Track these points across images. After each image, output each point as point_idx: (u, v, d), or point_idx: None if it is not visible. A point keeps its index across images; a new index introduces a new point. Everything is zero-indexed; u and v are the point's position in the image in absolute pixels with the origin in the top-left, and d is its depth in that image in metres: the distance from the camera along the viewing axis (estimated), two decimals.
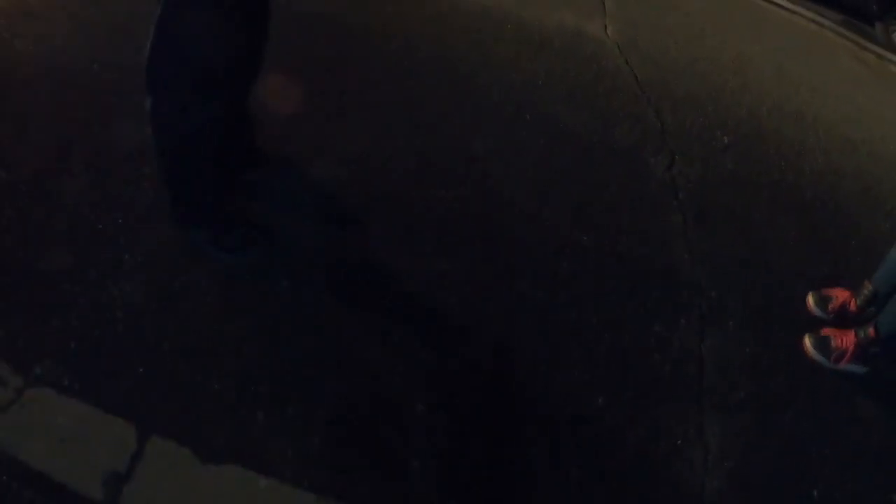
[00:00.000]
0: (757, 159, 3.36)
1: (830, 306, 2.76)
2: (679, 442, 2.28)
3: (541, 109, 3.27)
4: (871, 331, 2.56)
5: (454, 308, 2.45)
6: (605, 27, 3.92)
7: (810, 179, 2.85)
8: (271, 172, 2.65)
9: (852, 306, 2.75)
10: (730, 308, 2.69)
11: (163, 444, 1.95)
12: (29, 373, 2.00)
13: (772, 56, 4.13)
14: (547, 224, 2.79)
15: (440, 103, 3.17)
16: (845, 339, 2.60)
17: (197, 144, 2.20)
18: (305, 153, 2.78)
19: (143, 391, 2.04)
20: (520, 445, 2.17)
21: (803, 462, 2.36)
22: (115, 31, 3.05)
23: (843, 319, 2.74)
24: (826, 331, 2.65)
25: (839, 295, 2.78)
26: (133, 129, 2.59)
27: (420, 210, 2.70)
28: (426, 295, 2.46)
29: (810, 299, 2.79)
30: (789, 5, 4.83)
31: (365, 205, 2.68)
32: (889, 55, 5.20)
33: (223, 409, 2.06)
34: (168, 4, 1.94)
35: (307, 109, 2.95)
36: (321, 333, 2.30)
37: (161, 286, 2.28)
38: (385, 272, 2.49)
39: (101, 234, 2.37)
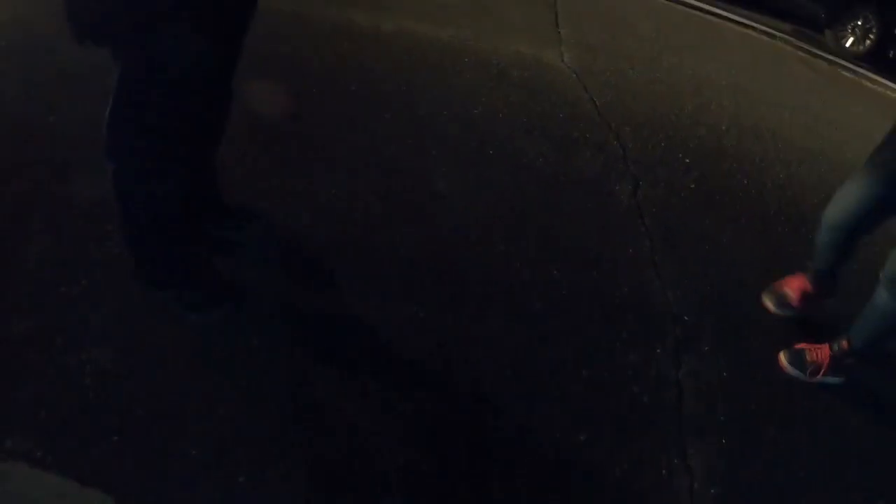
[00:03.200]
0: (719, 178, 3.39)
1: (793, 300, 2.80)
2: (664, 472, 2.27)
3: (503, 143, 3.28)
4: (844, 343, 2.58)
5: (427, 352, 2.42)
6: (562, 55, 3.95)
7: (773, 194, 2.88)
8: (235, 225, 2.62)
9: (810, 288, 2.79)
10: (703, 331, 2.70)
11: None
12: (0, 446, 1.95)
13: (727, 72, 4.19)
14: (515, 260, 2.78)
15: (402, 142, 3.17)
16: (820, 354, 2.62)
17: (160, 206, 2.18)
18: (270, 203, 2.76)
19: (118, 459, 1.99)
20: (504, 490, 2.14)
21: (789, 477, 2.37)
22: (70, 83, 3.02)
23: (810, 304, 2.79)
24: (800, 346, 2.66)
25: (792, 284, 2.82)
26: (92, 183, 2.55)
27: (387, 253, 2.69)
28: (398, 341, 2.44)
29: (768, 302, 2.82)
30: (742, 20, 4.91)
31: (331, 252, 2.66)
32: (839, 60, 5.30)
33: (202, 474, 2.01)
34: (125, 71, 1.93)
35: (270, 158, 2.94)
36: (296, 389, 2.26)
37: (129, 349, 2.23)
38: (355, 320, 2.47)
39: (64, 297, 2.32)
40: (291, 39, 3.55)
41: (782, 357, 2.64)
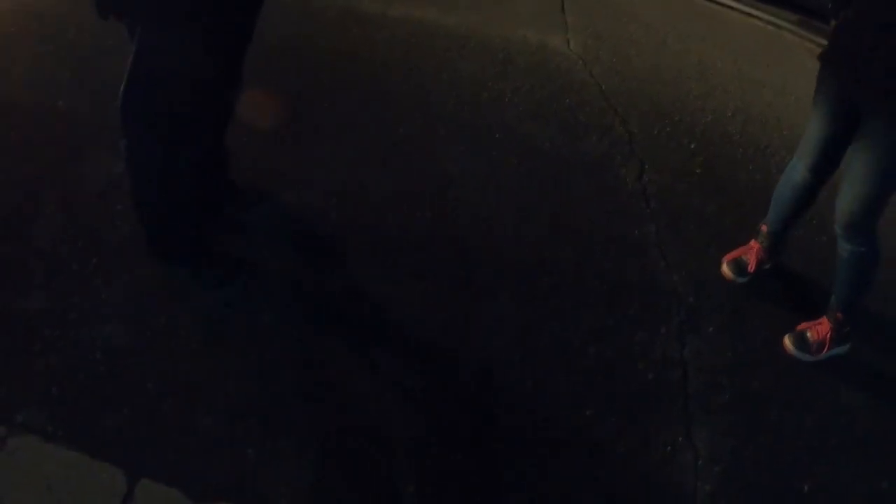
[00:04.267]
0: (724, 163, 3.40)
1: (749, 266, 2.83)
2: (669, 448, 2.30)
3: (510, 127, 3.29)
4: (838, 314, 2.62)
5: (437, 331, 2.46)
6: (568, 41, 3.95)
7: (777, 180, 2.89)
8: (249, 205, 2.66)
9: (763, 254, 2.84)
10: (708, 312, 2.72)
11: (152, 487, 1.94)
12: (12, 420, 1.99)
13: (733, 60, 4.18)
14: (523, 241, 2.81)
15: (412, 126, 3.18)
16: (820, 329, 2.65)
17: (174, 184, 2.21)
18: (281, 184, 2.79)
19: (129, 433, 2.03)
20: (512, 465, 2.18)
21: (792, 457, 2.39)
22: (79, 67, 3.05)
23: (762, 267, 2.84)
24: (801, 326, 2.68)
25: (749, 252, 2.85)
26: (103, 165, 2.61)
27: (397, 235, 2.71)
28: (409, 320, 2.47)
29: (727, 270, 2.85)
30: (747, 9, 4.88)
31: (343, 233, 2.69)
32: None
33: (212, 446, 2.05)
34: (142, 48, 1.96)
35: (280, 140, 2.97)
36: (306, 365, 2.30)
37: (142, 325, 2.28)
38: (366, 300, 2.50)
39: (77, 274, 2.36)
40: (298, 25, 3.57)
41: (787, 342, 2.66)
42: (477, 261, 2.69)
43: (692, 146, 3.42)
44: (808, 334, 2.65)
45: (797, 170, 2.64)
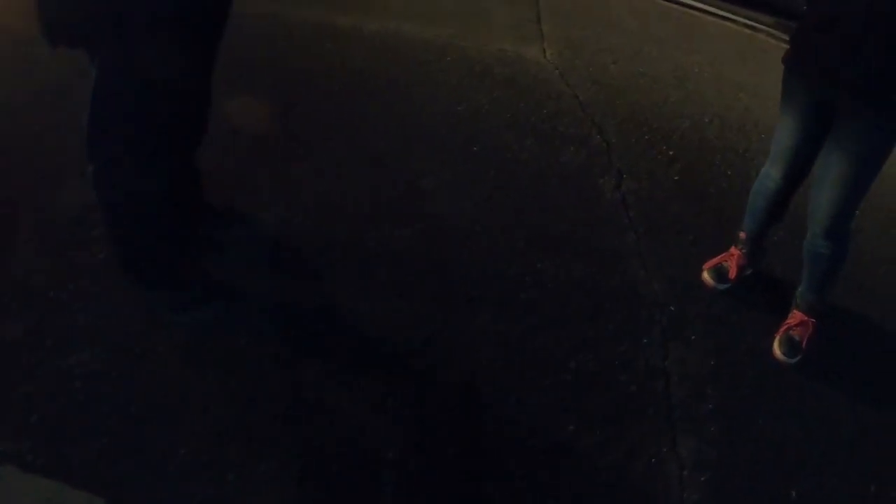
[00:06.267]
0: (703, 169, 3.41)
1: (730, 273, 2.84)
2: (653, 460, 2.29)
3: (487, 139, 3.29)
4: (818, 308, 2.68)
5: (418, 347, 2.44)
6: (545, 51, 3.97)
7: None
8: (225, 226, 2.64)
9: (743, 261, 2.85)
10: (690, 320, 2.72)
11: None
12: None
13: (710, 65, 4.20)
14: (503, 254, 2.80)
15: (388, 140, 3.18)
16: (804, 329, 2.68)
17: (145, 207, 2.19)
18: (257, 203, 2.77)
19: (109, 460, 2.00)
20: (495, 480, 2.16)
21: (778, 464, 2.38)
22: (54, 90, 3.02)
23: (742, 274, 2.87)
24: (784, 330, 2.69)
25: (729, 259, 2.86)
26: (78, 191, 2.55)
27: (375, 251, 2.70)
28: (388, 337, 2.45)
29: (708, 277, 2.85)
30: (723, 13, 4.92)
31: (320, 250, 2.67)
32: None
33: (193, 472, 2.02)
34: (102, 74, 1.93)
35: (256, 158, 2.95)
36: (285, 387, 2.27)
37: (119, 350, 2.25)
38: (345, 318, 2.48)
39: (54, 302, 2.33)
40: (273, 42, 3.56)
41: (776, 350, 2.66)
42: (456, 275, 2.68)
43: (671, 153, 3.43)
44: (795, 336, 2.67)
45: (770, 177, 2.64)
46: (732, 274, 2.83)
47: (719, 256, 2.88)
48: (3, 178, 2.67)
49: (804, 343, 2.66)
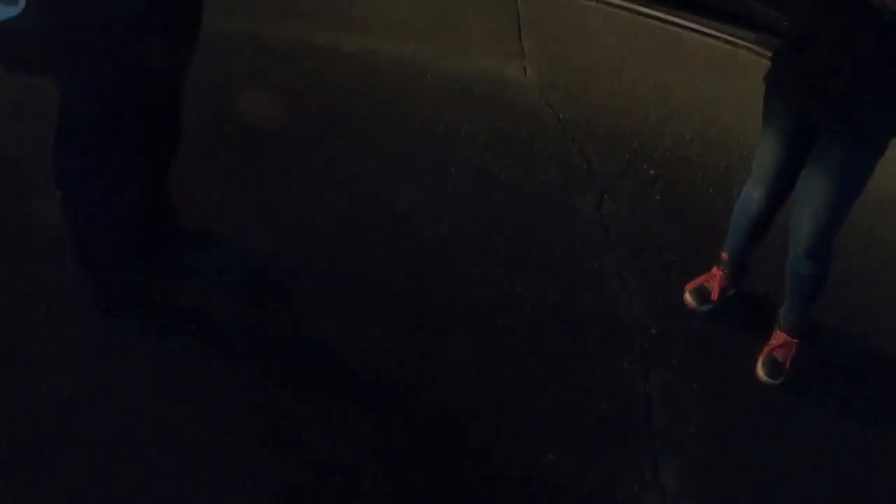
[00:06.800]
0: (685, 188, 3.39)
1: (712, 294, 2.82)
2: (635, 488, 2.26)
3: (465, 159, 3.26)
4: (798, 327, 2.66)
5: (392, 374, 2.41)
6: (525, 70, 3.94)
7: None
8: (196, 250, 2.61)
9: (726, 282, 2.83)
10: (671, 343, 2.69)
11: None
12: None
13: (691, 83, 4.19)
14: (480, 276, 2.77)
15: (364, 160, 3.14)
16: (787, 350, 2.66)
17: (113, 232, 2.19)
18: (230, 226, 2.73)
19: (79, 491, 1.99)
20: None
21: (763, 487, 2.36)
22: (28, 108, 2.95)
23: (724, 295, 2.84)
24: (766, 351, 2.67)
25: (711, 280, 2.84)
26: (52, 209, 2.52)
27: (349, 274, 2.68)
28: (362, 363, 2.43)
29: (689, 298, 2.83)
30: (704, 29, 4.91)
31: (292, 273, 2.65)
32: None
33: (166, 501, 2.01)
34: (66, 96, 1.92)
35: (229, 179, 2.92)
36: (259, 414, 2.25)
37: (89, 378, 2.23)
38: (318, 344, 2.46)
39: (23, 326, 2.31)
40: (249, 60, 3.53)
41: (759, 372, 2.64)
42: (432, 298, 2.65)
43: (651, 172, 3.40)
44: (780, 358, 2.64)
45: (752, 198, 2.61)
46: (714, 295, 2.80)
47: (701, 277, 2.85)
48: None
49: (788, 364, 2.64)
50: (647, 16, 4.83)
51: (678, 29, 4.82)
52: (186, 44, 2.07)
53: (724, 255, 2.80)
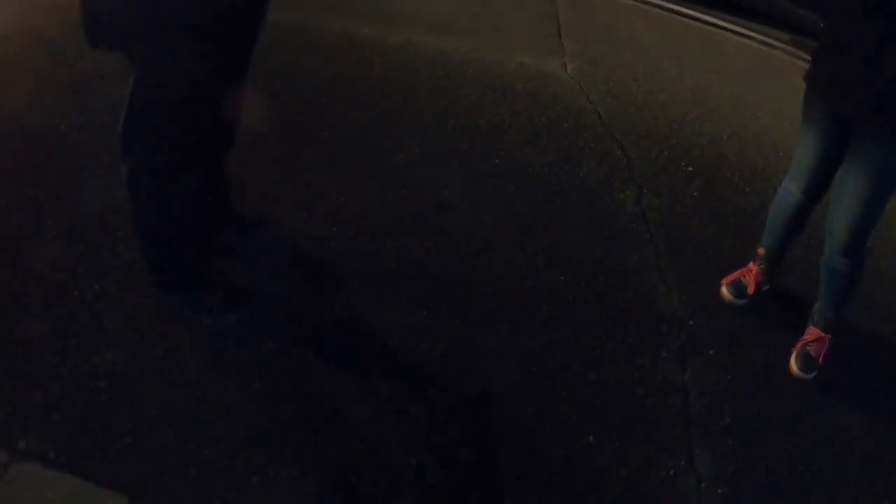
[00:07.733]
0: (722, 186, 3.42)
1: (748, 288, 2.86)
2: (671, 472, 2.30)
3: (508, 153, 3.32)
4: (831, 323, 2.68)
5: (437, 359, 2.46)
6: (566, 66, 3.99)
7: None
8: (248, 232, 2.67)
9: (762, 276, 2.86)
10: (708, 335, 2.73)
11: None
12: (13, 447, 1.98)
13: (728, 82, 4.22)
14: (522, 268, 2.82)
15: (409, 152, 3.20)
16: (820, 345, 2.69)
17: (175, 211, 2.21)
18: (281, 211, 2.80)
19: (131, 460, 2.03)
20: (512, 492, 2.18)
21: (794, 479, 2.39)
22: (80, 91, 3.07)
23: (760, 289, 2.88)
24: (800, 346, 2.71)
25: (747, 274, 2.87)
26: (104, 190, 2.61)
27: (395, 261, 2.72)
28: (409, 347, 2.47)
29: (726, 292, 2.87)
30: (740, 29, 4.93)
31: (340, 258, 2.70)
32: None
33: (215, 475, 2.05)
34: (141, 76, 1.96)
35: (279, 166, 2.99)
36: (308, 393, 2.30)
37: (143, 352, 2.27)
38: (366, 327, 2.50)
39: (78, 300, 2.36)
40: (297, 51, 3.60)
41: (793, 366, 2.68)
42: (476, 288, 2.70)
43: (689, 169, 3.45)
44: (812, 352, 2.68)
45: (790, 192, 2.67)
46: (751, 289, 2.84)
47: (737, 272, 2.89)
48: (30, 176, 2.71)
49: (820, 359, 2.67)
50: (684, 15, 4.87)
51: (715, 29, 4.86)
52: (255, 32, 2.13)
53: (761, 251, 2.85)
